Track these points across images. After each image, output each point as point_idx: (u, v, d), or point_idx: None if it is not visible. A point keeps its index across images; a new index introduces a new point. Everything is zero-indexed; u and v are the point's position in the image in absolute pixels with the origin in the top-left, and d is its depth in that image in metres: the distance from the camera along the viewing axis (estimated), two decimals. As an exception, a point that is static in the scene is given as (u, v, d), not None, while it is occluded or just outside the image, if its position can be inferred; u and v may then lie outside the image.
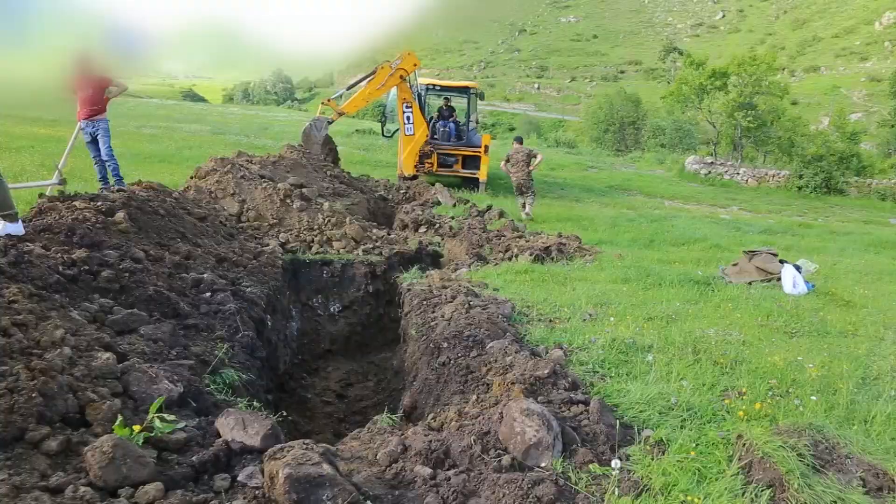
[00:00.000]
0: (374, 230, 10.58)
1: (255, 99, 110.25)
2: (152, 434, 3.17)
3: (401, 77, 17.01)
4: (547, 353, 5.02)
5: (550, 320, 6.22)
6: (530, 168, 15.19)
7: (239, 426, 3.37)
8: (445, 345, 4.90)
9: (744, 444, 3.45)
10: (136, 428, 3.06)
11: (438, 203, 15.82)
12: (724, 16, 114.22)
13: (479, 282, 7.91)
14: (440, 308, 5.89)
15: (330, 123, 16.89)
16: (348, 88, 17.98)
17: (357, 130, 36.80)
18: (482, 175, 18.50)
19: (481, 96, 20.32)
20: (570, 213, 15.76)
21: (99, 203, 6.63)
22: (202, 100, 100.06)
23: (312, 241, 9.77)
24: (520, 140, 16.26)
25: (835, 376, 4.84)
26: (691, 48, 54.57)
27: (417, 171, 18.43)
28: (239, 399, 4.14)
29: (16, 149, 18.98)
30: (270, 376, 6.64)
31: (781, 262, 8.77)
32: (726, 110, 29.66)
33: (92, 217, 6.15)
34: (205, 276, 6.10)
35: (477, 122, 20.61)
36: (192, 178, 10.83)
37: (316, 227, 10.02)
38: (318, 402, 7.60)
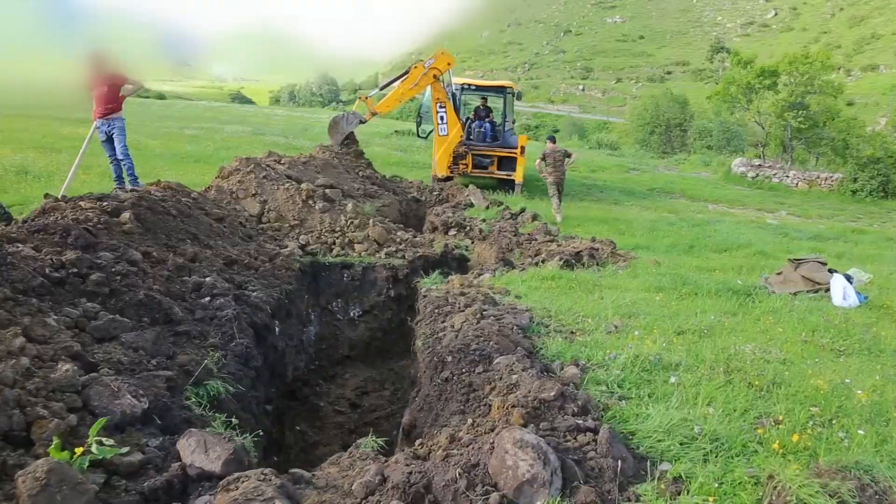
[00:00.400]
0: (399, 232, 10.25)
1: (301, 101, 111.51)
2: (102, 457, 2.87)
3: (434, 76, 16.66)
4: (562, 369, 4.58)
5: (572, 332, 5.77)
6: (565, 167, 14.76)
7: (200, 449, 3.04)
8: (450, 359, 4.51)
9: (775, 487, 2.97)
10: (79, 450, 2.76)
11: (471, 205, 15.43)
12: (776, 14, 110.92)
13: (501, 288, 7.49)
14: (451, 317, 5.50)
15: (362, 122, 16.61)
16: (381, 88, 17.73)
17: (396, 131, 36.65)
18: (518, 177, 18.01)
19: (518, 96, 19.85)
20: (608, 216, 15.17)
21: (105, 203, 6.44)
22: (249, 102, 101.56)
23: (334, 244, 9.48)
24: (553, 139, 15.82)
25: (888, 403, 4.28)
26: (741, 48, 52.79)
27: (451, 172, 18.05)
28: (217, 415, 3.82)
29: (58, 149, 19.33)
30: (275, 385, 6.35)
31: (831, 271, 8.12)
32: (776, 110, 28.46)
33: (94, 217, 5.95)
34: (207, 279, 5.83)
35: (513, 123, 20.14)
36: (216, 178, 10.67)
37: (338, 228, 9.74)
38: (331, 411, 7.29)
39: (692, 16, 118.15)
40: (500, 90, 18.96)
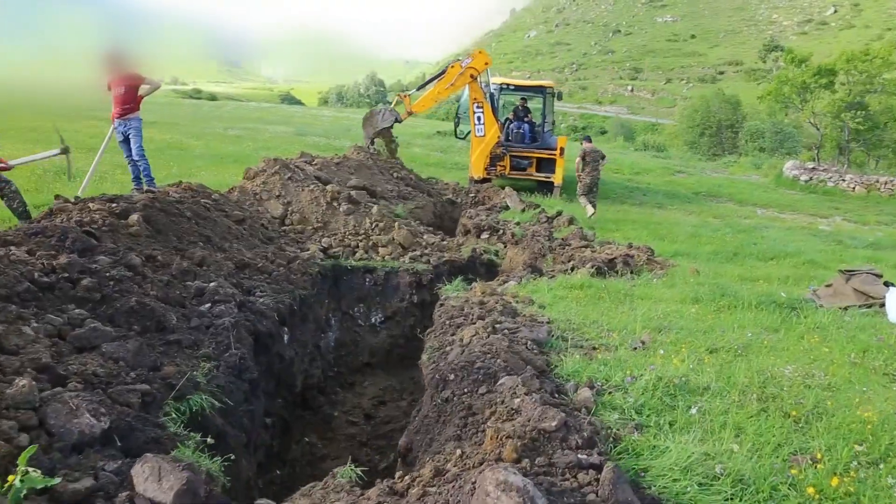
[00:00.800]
0: (426, 236, 9.93)
1: (349, 102, 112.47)
2: (45, 485, 2.61)
3: (471, 76, 16.30)
4: (576, 391, 4.18)
5: (593, 348, 5.35)
6: (601, 168, 14.37)
7: (154, 477, 2.76)
8: (452, 377, 4.16)
9: (805, 546, 2.54)
10: (11, 478, 2.50)
11: (507, 208, 15.04)
12: (835, 11, 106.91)
13: (525, 297, 7.10)
14: (462, 330, 5.15)
15: (398, 121, 16.34)
16: (419, 88, 17.43)
17: (438, 132, 36.42)
18: (557, 179, 17.52)
19: (559, 96, 19.33)
20: (648, 220, 14.59)
21: (115, 204, 6.29)
22: (299, 103, 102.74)
23: (357, 247, 9.23)
24: (590, 139, 15.38)
25: (948, 442, 3.77)
26: (797, 46, 50.76)
27: (489, 174, 17.65)
28: (192, 434, 3.55)
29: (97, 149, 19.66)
30: (282, 395, 6.11)
31: (887, 284, 7.46)
32: (832, 111, 27.18)
33: (100, 219, 5.79)
34: (210, 285, 5.61)
35: (553, 124, 19.62)
36: (243, 179, 10.54)
37: (362, 231, 9.48)
38: (344, 422, 7.01)
39: (746, 14, 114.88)
40: (539, 90, 18.52)
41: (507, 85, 18.31)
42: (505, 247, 11.97)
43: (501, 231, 12.44)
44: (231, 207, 8.51)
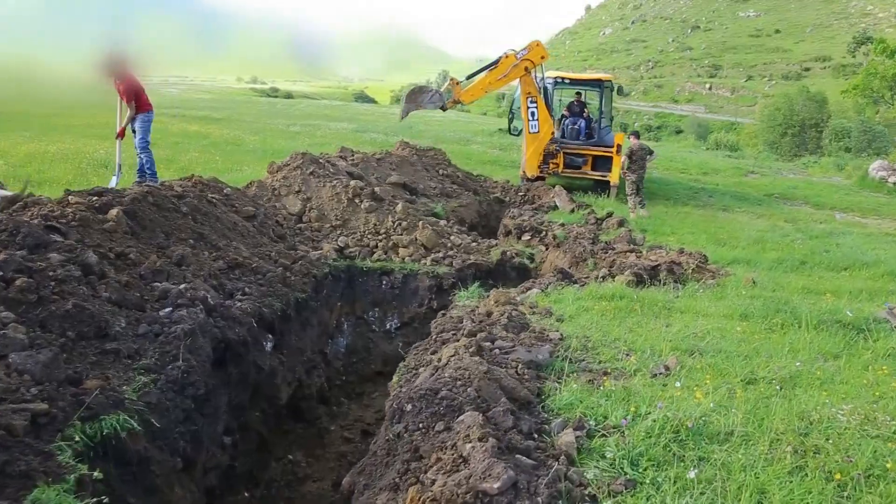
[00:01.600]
0: (453, 237, 9.23)
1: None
2: None
3: (525, 69, 15.41)
4: (561, 430, 3.42)
5: (604, 373, 4.54)
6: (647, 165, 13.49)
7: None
8: (409, 408, 3.47)
9: None
10: None
11: (555, 207, 14.16)
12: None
13: (544, 308, 6.32)
14: (445, 347, 4.44)
15: (442, 109, 15.42)
16: (468, 78, 16.45)
17: (500, 129, 35.57)
18: (613, 178, 16.39)
19: (620, 91, 18.25)
20: (710, 223, 13.39)
21: (96, 199, 5.87)
22: (372, 101, 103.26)
23: (376, 247, 8.64)
24: (637, 135, 14.37)
25: None
26: (891, 37, 47.08)
27: (542, 172, 16.74)
28: (80, 466, 2.99)
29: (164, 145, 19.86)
30: (261, 409, 5.55)
31: (981, 304, 6.31)
32: (929, 108, 24.83)
33: (71, 214, 5.37)
34: (181, 287, 5.09)
35: (611, 119, 18.46)
36: (267, 173, 10.12)
37: (383, 231, 8.87)
38: (338, 438, 6.42)
39: (837, 6, 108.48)
40: (596, 84, 17.43)
41: (562, 79, 17.32)
42: (546, 249, 11.15)
43: (544, 233, 11.62)
44: (243, 203, 8.06)
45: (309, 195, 9.26)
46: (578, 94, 17.59)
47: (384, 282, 8.28)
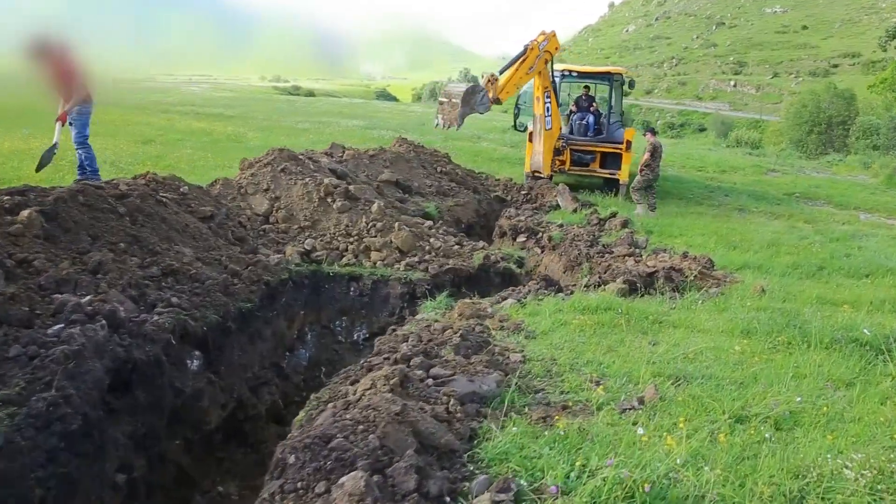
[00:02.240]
0: (433, 239, 8.51)
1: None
2: None
3: (545, 60, 14.51)
4: (483, 493, 2.70)
5: (564, 407, 3.80)
6: None
7: None
8: (293, 459, 2.76)
9: None
10: None
11: (557, 207, 13.38)
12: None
13: (514, 322, 5.59)
14: (367, 377, 3.72)
15: (487, 109, 13.99)
16: (502, 71, 15.17)
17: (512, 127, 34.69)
18: (623, 175, 15.50)
19: (631, 84, 17.26)
20: (723, 224, 12.51)
21: (6, 198, 5.26)
22: (393, 99, 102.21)
23: (346, 250, 7.96)
24: (654, 132, 13.54)
25: None
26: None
27: (552, 169, 15.89)
28: None
29: (150, 140, 19.38)
30: (182, 436, 4.88)
31: None
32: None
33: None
34: (83, 299, 4.43)
35: (622, 115, 17.54)
36: (239, 170, 9.49)
37: (355, 232, 8.19)
38: (284, 467, 5.71)
39: (867, 1, 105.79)
40: (605, 77, 16.53)
41: (570, 71, 16.41)
42: (542, 252, 10.40)
43: (540, 234, 10.87)
44: (201, 202, 7.42)
45: (278, 194, 8.60)
46: (587, 87, 16.75)
47: (352, 288, 7.60)
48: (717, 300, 6.97)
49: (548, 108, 14.88)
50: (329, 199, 8.53)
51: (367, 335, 7.50)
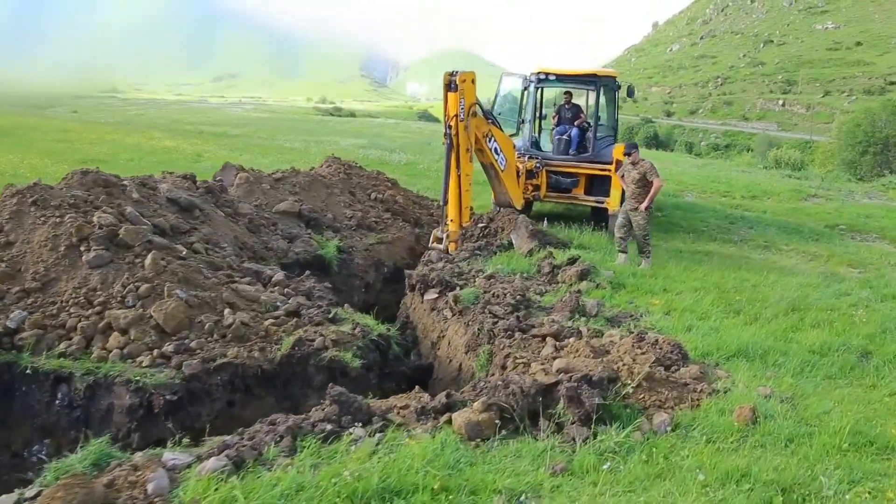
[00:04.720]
0: (239, 314, 5.39)
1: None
2: None
3: (474, 114, 10.99)
4: None
5: None
6: None
7: None
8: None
9: None
10: None
11: (510, 245, 10.11)
12: None
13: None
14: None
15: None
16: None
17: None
18: (612, 204, 12.03)
19: (630, 92, 13.90)
20: (730, 274, 8.95)
21: None
22: (435, 120, 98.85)
23: (74, 329, 4.94)
24: (635, 146, 10.05)
25: None
26: None
27: (527, 197, 12.60)
28: None
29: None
30: None
31: None
32: None
33: None
34: None
35: (615, 129, 14.08)
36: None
37: (100, 300, 5.16)
38: None
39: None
40: (590, 81, 13.08)
41: (547, 75, 13.13)
42: (449, 318, 7.20)
43: (459, 288, 7.67)
44: None
45: (13, 238, 5.65)
46: (567, 93, 13.42)
47: (60, 395, 4.57)
48: (656, 445, 3.71)
49: (494, 149, 11.30)
50: (82, 247, 5.53)
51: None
